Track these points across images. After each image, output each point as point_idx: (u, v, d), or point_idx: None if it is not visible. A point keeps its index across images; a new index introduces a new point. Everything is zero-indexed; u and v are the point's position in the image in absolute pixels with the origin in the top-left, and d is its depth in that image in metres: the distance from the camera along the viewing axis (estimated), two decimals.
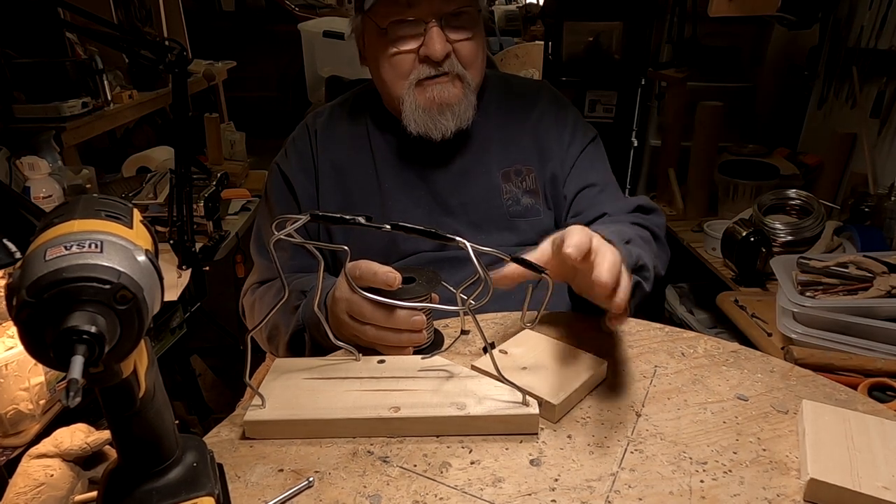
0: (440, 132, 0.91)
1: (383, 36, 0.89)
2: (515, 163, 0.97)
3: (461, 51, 0.90)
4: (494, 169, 0.97)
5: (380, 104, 0.99)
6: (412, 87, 0.90)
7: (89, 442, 0.61)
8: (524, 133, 0.99)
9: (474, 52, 0.91)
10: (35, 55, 1.82)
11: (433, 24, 0.86)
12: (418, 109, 0.90)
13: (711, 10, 1.68)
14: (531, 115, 1.00)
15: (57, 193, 1.52)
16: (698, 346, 0.73)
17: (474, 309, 0.59)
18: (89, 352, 0.31)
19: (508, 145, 0.98)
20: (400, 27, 0.87)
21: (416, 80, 0.89)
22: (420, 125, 0.90)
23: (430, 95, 0.89)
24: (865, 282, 1.19)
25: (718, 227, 1.68)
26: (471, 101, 0.92)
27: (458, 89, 0.90)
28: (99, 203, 0.38)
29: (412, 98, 0.90)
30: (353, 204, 0.97)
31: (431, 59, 0.87)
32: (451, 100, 0.90)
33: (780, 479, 0.53)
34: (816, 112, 1.94)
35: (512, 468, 0.55)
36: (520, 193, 0.97)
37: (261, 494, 0.53)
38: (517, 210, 0.96)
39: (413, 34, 0.88)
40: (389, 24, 0.87)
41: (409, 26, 0.87)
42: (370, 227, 0.57)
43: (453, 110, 0.90)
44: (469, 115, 0.92)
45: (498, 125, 0.99)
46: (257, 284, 0.98)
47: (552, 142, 0.99)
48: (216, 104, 3.13)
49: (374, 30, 0.90)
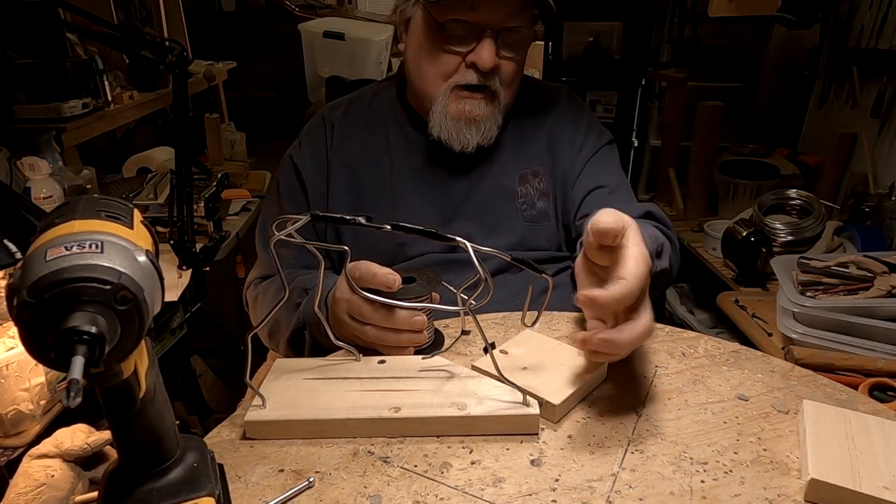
0: (461, 144, 0.91)
1: (438, 31, 0.88)
2: (532, 165, 0.98)
3: (505, 69, 0.90)
4: (512, 172, 0.97)
5: (399, 102, 0.99)
6: (448, 91, 0.90)
7: (90, 442, 0.61)
8: (540, 135, 0.99)
9: (516, 73, 0.92)
10: (35, 56, 1.82)
11: (489, 35, 0.86)
12: (447, 117, 0.90)
13: (711, 10, 1.68)
14: (549, 118, 1.00)
15: (57, 194, 1.52)
16: (699, 347, 0.73)
17: (475, 309, 0.59)
18: (90, 352, 0.31)
19: (526, 148, 0.98)
20: (456, 27, 0.87)
21: (455, 85, 0.89)
22: (444, 133, 0.91)
23: (461, 108, 0.90)
24: (866, 282, 1.19)
25: (719, 227, 1.68)
26: (497, 121, 0.92)
27: (489, 108, 0.91)
28: (99, 203, 0.38)
29: (444, 103, 0.90)
30: (363, 202, 0.96)
31: (478, 69, 0.87)
32: (479, 117, 0.90)
33: (780, 479, 0.53)
34: (817, 112, 1.94)
35: (512, 468, 0.55)
36: (535, 196, 0.97)
37: (261, 495, 0.53)
38: (531, 214, 0.96)
39: (467, 38, 0.87)
40: (448, 21, 0.87)
41: (466, 29, 0.87)
42: (370, 227, 0.57)
43: (479, 127, 0.91)
44: (493, 134, 0.93)
45: (516, 127, 0.99)
46: (260, 279, 0.97)
47: (564, 143, 0.99)
48: (216, 104, 3.13)
49: (430, 22, 0.89)
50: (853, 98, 1.74)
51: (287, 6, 4.90)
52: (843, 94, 1.80)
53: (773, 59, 2.15)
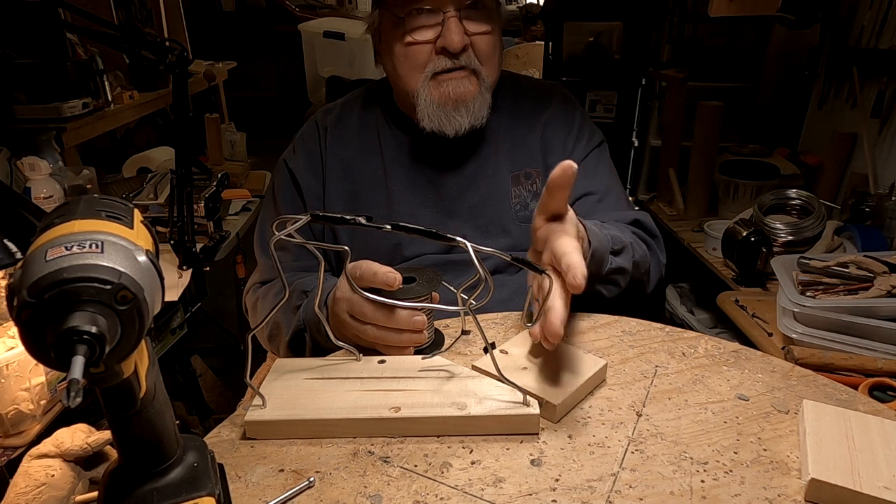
0: (454, 128, 0.89)
1: (400, 26, 0.88)
2: (525, 166, 0.97)
3: (478, 45, 0.88)
4: (504, 172, 0.96)
5: (391, 103, 0.99)
6: (427, 81, 0.88)
7: (90, 442, 0.61)
8: (534, 136, 0.98)
9: (491, 48, 0.90)
10: (36, 56, 1.82)
11: (452, 15, 0.85)
12: (433, 105, 0.89)
13: (712, 10, 1.68)
14: (541, 117, 0.99)
15: (58, 194, 1.52)
16: (699, 346, 0.73)
17: (475, 309, 0.59)
18: (90, 352, 0.31)
19: (518, 148, 0.97)
20: (417, 17, 0.86)
21: (432, 73, 0.88)
22: (434, 121, 0.89)
23: (444, 91, 0.88)
24: (866, 282, 1.19)
25: (719, 227, 1.68)
26: (486, 99, 0.91)
27: (473, 86, 0.89)
28: (99, 203, 0.38)
29: (427, 92, 0.89)
30: (359, 204, 0.96)
31: (448, 51, 0.86)
32: (466, 96, 0.89)
33: (780, 479, 0.53)
34: (817, 112, 1.94)
35: (513, 468, 0.55)
36: (529, 197, 0.96)
37: (261, 494, 0.53)
38: (525, 215, 0.96)
39: (430, 24, 0.86)
40: (406, 14, 0.86)
41: (427, 16, 0.86)
42: (370, 227, 0.57)
43: (468, 107, 0.89)
44: (484, 112, 0.91)
45: (509, 127, 0.98)
46: (259, 284, 0.98)
47: (557, 144, 0.98)
48: (217, 104, 3.13)
49: (391, 20, 0.89)
50: (853, 98, 1.74)
51: (287, 6, 4.90)
52: (843, 94, 1.79)
53: (773, 58, 2.15)
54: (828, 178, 1.79)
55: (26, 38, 1.83)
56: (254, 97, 4.68)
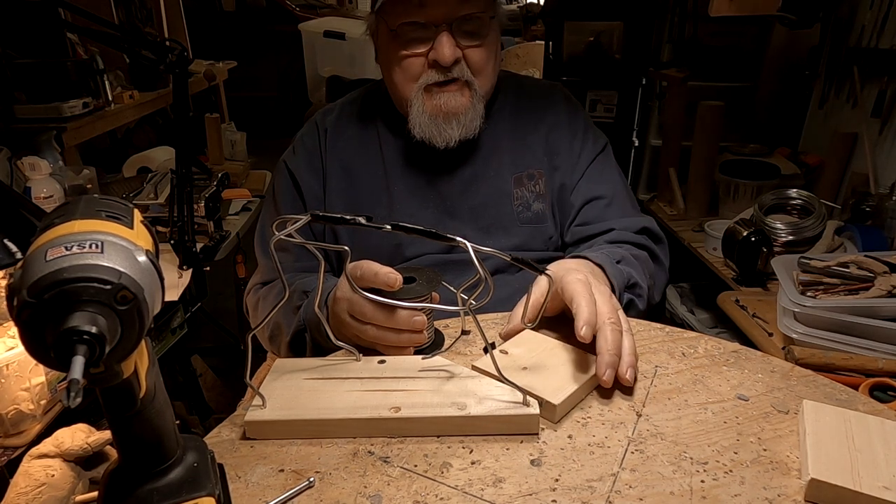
0: (444, 140, 0.90)
1: (394, 38, 0.88)
2: (528, 167, 0.97)
3: (471, 57, 0.88)
4: (507, 174, 0.96)
5: (390, 104, 0.99)
6: (420, 92, 0.89)
7: (90, 442, 0.61)
8: (537, 137, 0.98)
9: (484, 60, 0.90)
10: (36, 55, 1.82)
11: (443, 29, 0.85)
12: (424, 115, 0.89)
13: (712, 9, 1.68)
14: (544, 118, 0.99)
15: (58, 194, 1.52)
16: (699, 346, 0.73)
17: (475, 309, 0.59)
18: (90, 352, 0.31)
19: (521, 149, 0.97)
20: (410, 30, 0.86)
21: (425, 85, 0.88)
22: (425, 131, 0.90)
23: (436, 103, 0.88)
24: (866, 282, 1.19)
25: (719, 226, 1.68)
26: (478, 111, 0.91)
27: (466, 98, 0.89)
28: (99, 203, 0.38)
29: (420, 103, 0.89)
30: (360, 205, 0.96)
31: (440, 65, 0.86)
32: (458, 109, 0.89)
33: (780, 479, 0.53)
34: (817, 112, 1.94)
35: (513, 468, 0.55)
36: (531, 199, 0.96)
37: (261, 495, 0.53)
38: (527, 216, 0.96)
39: (423, 37, 0.87)
40: (400, 26, 0.86)
41: (420, 29, 0.86)
42: (370, 227, 0.57)
43: (459, 120, 0.89)
44: (476, 124, 0.91)
45: (510, 128, 0.98)
46: (260, 285, 0.98)
47: (563, 148, 0.98)
48: (217, 104, 3.13)
49: (385, 30, 0.89)
50: (854, 98, 1.74)
51: (287, 6, 4.90)
52: (843, 94, 1.79)
53: (773, 58, 2.15)
54: (828, 177, 1.79)
55: (26, 37, 1.83)
56: (254, 97, 4.68)
